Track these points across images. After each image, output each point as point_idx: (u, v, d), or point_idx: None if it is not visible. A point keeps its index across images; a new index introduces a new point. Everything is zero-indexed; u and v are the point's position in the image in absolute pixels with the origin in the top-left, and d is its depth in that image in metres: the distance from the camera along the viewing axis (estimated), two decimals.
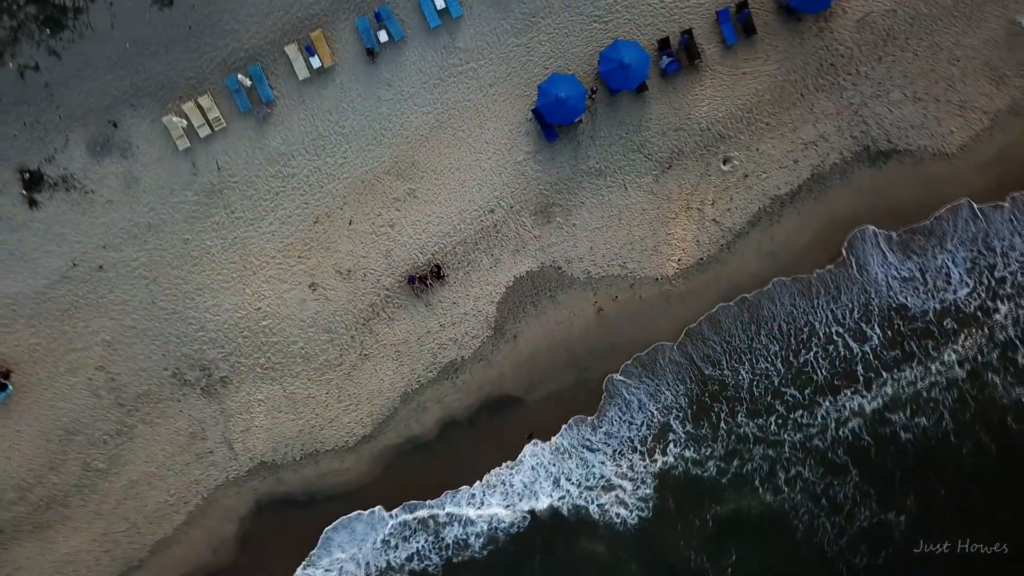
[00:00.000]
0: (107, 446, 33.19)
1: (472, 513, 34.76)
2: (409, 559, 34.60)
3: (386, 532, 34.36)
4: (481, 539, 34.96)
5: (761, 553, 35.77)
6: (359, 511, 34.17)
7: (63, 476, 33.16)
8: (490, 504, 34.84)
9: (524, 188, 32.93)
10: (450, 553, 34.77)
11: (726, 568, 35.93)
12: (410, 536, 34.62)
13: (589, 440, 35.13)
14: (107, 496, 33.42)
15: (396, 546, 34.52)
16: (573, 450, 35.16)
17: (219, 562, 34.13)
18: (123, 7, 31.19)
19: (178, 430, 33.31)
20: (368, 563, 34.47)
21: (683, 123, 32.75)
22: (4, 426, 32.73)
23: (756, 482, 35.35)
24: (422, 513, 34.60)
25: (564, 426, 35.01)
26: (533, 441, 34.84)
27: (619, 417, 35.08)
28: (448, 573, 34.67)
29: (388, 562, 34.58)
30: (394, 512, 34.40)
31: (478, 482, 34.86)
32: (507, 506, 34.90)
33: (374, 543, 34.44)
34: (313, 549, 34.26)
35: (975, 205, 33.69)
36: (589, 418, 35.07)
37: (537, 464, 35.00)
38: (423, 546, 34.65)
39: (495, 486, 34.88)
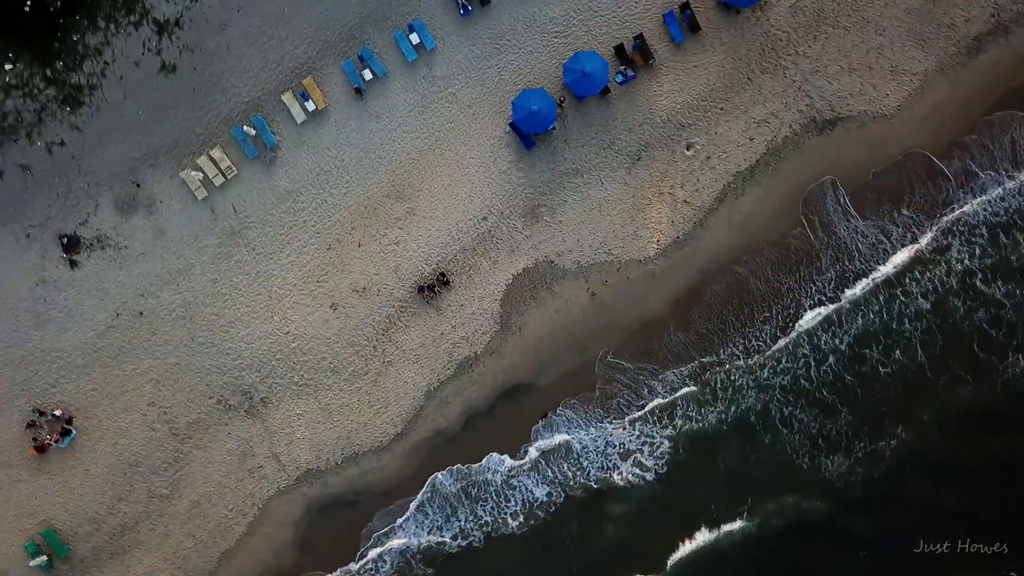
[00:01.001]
0: (167, 473, 36.76)
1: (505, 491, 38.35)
2: (454, 537, 38.15)
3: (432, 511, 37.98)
4: (518, 517, 38.44)
5: (772, 492, 39.00)
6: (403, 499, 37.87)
7: (131, 505, 36.73)
8: (522, 481, 38.38)
9: (511, 194, 36.48)
10: (490, 530, 38.29)
11: (742, 512, 39.21)
12: (451, 516, 38.11)
13: (600, 414, 38.67)
14: (173, 518, 37.00)
15: (440, 527, 38.04)
16: (587, 425, 38.72)
17: (280, 565, 37.69)
18: (132, 78, 34.71)
19: (229, 451, 36.89)
20: (417, 544, 37.99)
21: (646, 118, 36.30)
22: (73, 466, 36.30)
23: (757, 427, 38.58)
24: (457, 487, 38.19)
25: (573, 401, 38.54)
26: (548, 419, 38.39)
27: (623, 390, 38.60)
28: (490, 546, 38.10)
29: (435, 541, 38.12)
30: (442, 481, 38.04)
31: (508, 459, 38.39)
32: (537, 482, 38.43)
33: (420, 524, 38.01)
34: (363, 542, 37.89)
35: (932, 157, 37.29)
36: (595, 396, 38.62)
37: (556, 442, 38.54)
38: (464, 524, 38.16)
39: (522, 467, 38.46)
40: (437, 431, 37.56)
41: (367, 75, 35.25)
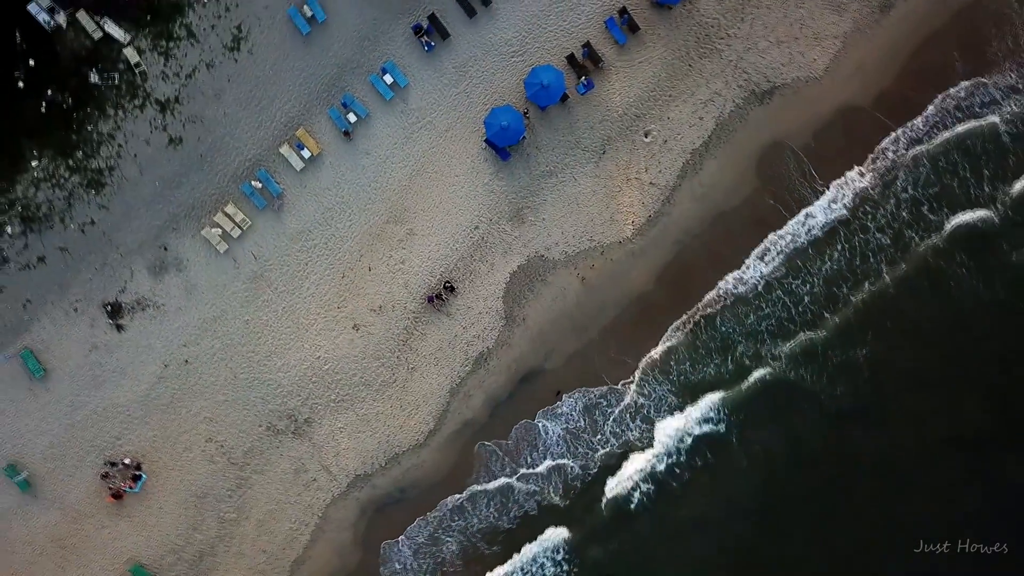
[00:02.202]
0: (232, 499, 40.96)
1: (542, 469, 42.41)
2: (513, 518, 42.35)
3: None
4: (560, 488, 42.46)
5: (780, 427, 42.66)
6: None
7: (205, 532, 40.93)
8: (558, 457, 42.47)
9: (496, 202, 40.65)
10: (537, 499, 42.39)
11: (755, 448, 42.60)
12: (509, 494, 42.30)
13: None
14: (244, 538, 41.20)
15: (499, 506, 42.03)
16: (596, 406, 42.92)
17: (346, 565, 41.89)
18: (145, 156, 38.88)
19: (284, 470, 41.08)
20: (477, 525, 42.20)
21: (604, 115, 40.48)
22: (148, 506, 40.52)
23: (752, 369, 42.52)
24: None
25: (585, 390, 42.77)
26: (560, 396, 42.57)
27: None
28: (543, 513, 42.19)
29: (494, 519, 42.27)
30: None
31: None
32: (572, 456, 42.48)
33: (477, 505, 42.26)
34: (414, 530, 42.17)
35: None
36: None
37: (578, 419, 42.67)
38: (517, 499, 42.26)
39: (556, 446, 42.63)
40: (465, 422, 41.77)
41: (352, 118, 39.39)
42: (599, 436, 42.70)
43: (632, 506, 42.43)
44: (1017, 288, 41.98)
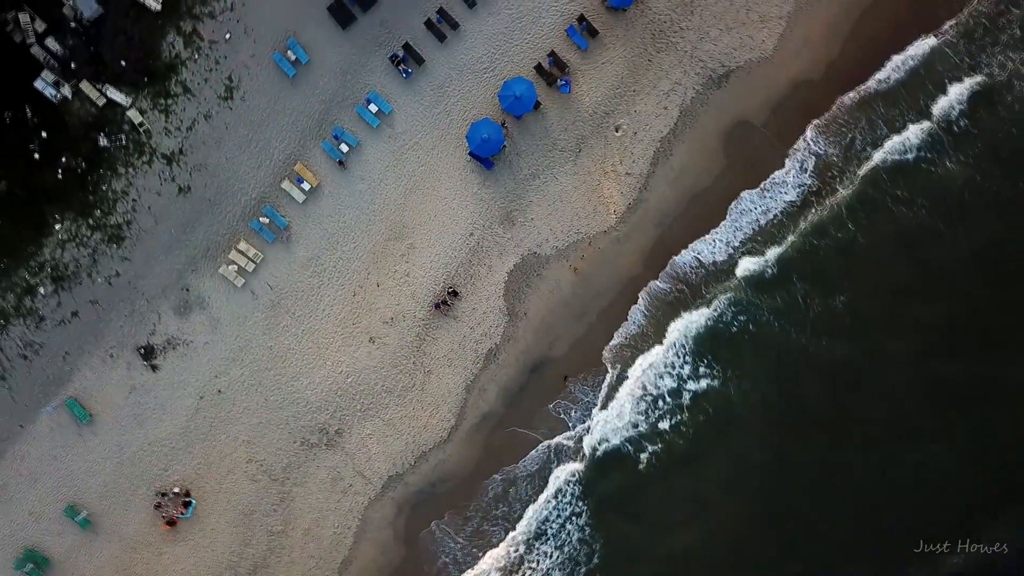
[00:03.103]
0: (277, 513, 44.13)
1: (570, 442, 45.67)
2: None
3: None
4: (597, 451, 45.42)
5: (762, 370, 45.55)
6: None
7: (255, 547, 44.09)
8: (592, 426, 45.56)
9: (486, 208, 43.78)
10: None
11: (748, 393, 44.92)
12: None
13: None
14: (292, 547, 44.37)
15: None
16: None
17: (391, 561, 45.07)
18: (159, 206, 42.00)
19: (322, 480, 44.24)
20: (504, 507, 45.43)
21: (576, 117, 43.60)
22: (201, 529, 43.68)
23: (735, 326, 45.51)
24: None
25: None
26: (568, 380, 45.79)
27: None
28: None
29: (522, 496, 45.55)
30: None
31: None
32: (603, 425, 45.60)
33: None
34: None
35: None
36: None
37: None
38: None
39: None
40: (484, 415, 44.94)
41: (344, 148, 42.47)
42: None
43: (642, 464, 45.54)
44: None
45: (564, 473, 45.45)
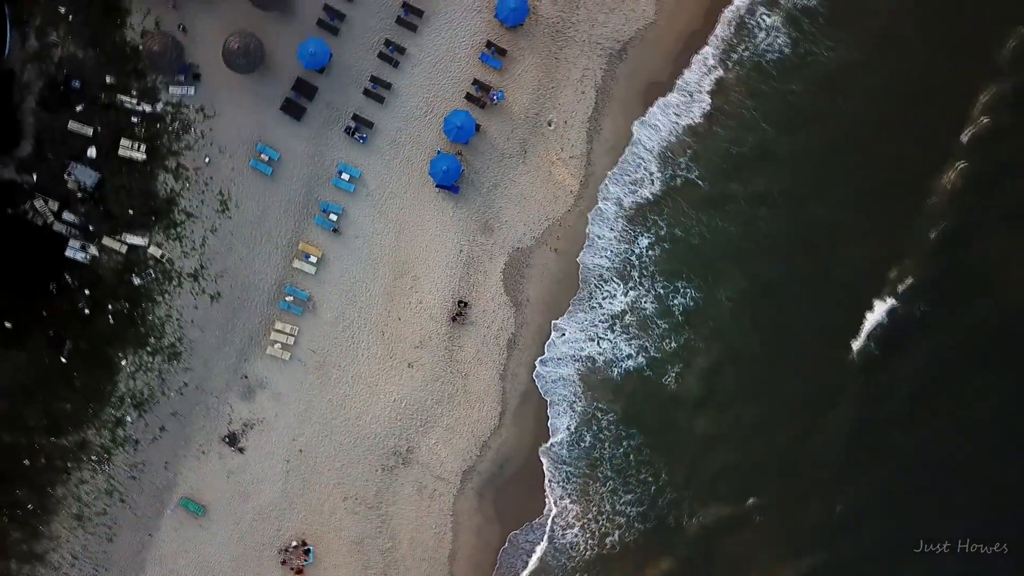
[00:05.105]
0: (383, 533, 51.20)
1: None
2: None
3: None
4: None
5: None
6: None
7: (374, 568, 51.12)
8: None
9: (466, 226, 50.68)
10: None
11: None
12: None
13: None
14: (404, 558, 51.43)
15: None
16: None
17: (489, 541, 52.15)
18: (199, 317, 48.90)
19: (409, 494, 51.29)
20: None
21: (513, 126, 50.45)
22: (325, 568, 50.76)
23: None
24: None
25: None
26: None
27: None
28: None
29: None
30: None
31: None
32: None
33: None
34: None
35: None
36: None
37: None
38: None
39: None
40: (522, 395, 52.00)
41: (333, 217, 49.35)
42: None
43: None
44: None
45: None
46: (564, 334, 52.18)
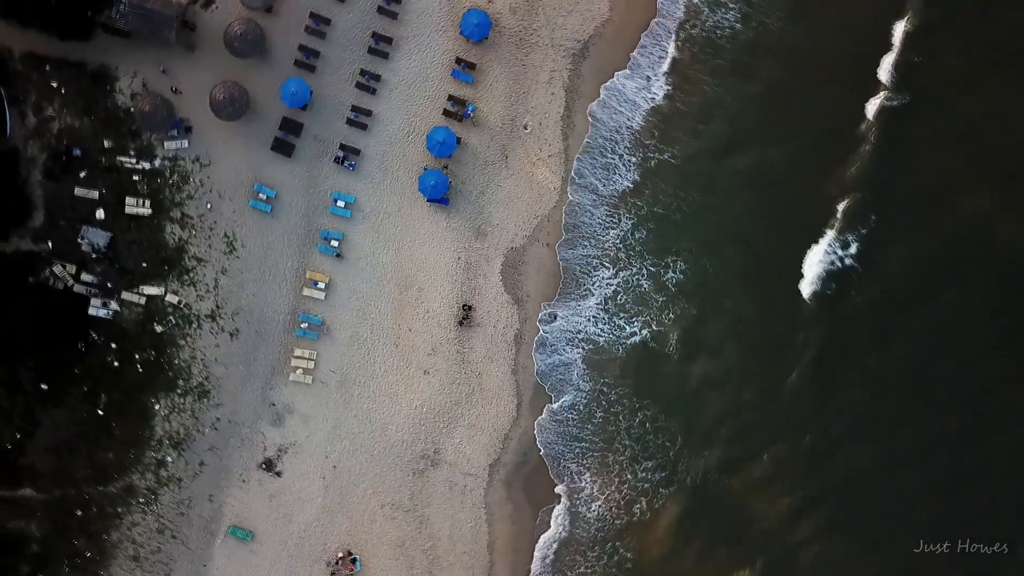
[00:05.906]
0: (422, 534, 54.07)
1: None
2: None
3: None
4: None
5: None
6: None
7: (419, 567, 54.03)
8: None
9: (460, 234, 53.46)
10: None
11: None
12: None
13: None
14: (446, 553, 54.30)
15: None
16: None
17: (523, 526, 55.08)
18: (222, 355, 51.64)
19: (442, 494, 54.16)
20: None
21: (491, 134, 53.20)
22: (374, 574, 53.59)
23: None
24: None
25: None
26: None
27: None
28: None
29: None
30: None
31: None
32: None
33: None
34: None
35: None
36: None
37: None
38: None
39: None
40: (535, 385, 54.90)
41: (334, 243, 52.08)
42: None
43: None
44: None
45: None
46: (556, 319, 55.01)
